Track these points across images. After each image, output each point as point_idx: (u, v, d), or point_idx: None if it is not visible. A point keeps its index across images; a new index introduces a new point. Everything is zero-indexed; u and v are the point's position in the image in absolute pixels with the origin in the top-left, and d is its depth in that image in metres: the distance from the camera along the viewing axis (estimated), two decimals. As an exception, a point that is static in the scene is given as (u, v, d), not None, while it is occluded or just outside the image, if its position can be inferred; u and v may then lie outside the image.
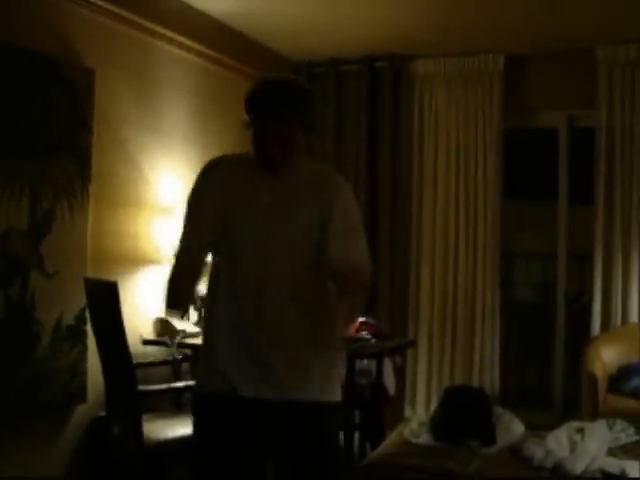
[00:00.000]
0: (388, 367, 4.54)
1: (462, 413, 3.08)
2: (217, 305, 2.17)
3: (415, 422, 3.23)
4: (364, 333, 4.23)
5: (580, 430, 3.06)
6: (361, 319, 4.53)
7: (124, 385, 3.34)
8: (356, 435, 4.24)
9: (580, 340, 4.98)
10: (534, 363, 6.00)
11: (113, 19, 3.91)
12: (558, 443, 2.90)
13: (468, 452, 2.88)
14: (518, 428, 3.17)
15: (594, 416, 4.06)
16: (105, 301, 3.34)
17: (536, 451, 2.88)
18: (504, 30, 4.84)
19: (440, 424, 3.07)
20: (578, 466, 2.76)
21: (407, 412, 5.27)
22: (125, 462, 3.55)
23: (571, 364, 5.12)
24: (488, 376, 5.15)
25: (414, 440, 3.03)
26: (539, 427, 3.38)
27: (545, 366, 5.59)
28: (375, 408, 4.37)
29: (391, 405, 4.74)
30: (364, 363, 4.36)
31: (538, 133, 5.63)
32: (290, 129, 2.12)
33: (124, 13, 3.93)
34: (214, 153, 2.37)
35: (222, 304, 2.15)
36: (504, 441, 3.04)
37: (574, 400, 4.90)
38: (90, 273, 3.73)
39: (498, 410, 3.25)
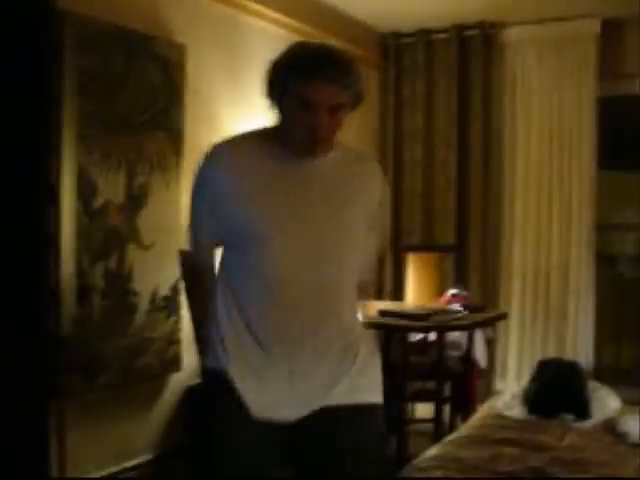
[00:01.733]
0: (479, 339, 4.50)
1: (556, 386, 3.03)
2: None
3: (508, 395, 3.19)
4: (456, 305, 4.20)
5: (679, 406, 2.97)
6: (452, 291, 4.50)
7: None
8: (446, 408, 4.23)
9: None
10: (630, 339, 5.82)
11: (203, -6, 3.96)
12: (656, 419, 2.82)
13: (562, 426, 2.84)
14: (614, 403, 3.09)
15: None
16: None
17: (632, 427, 2.80)
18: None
19: (534, 397, 3.02)
20: (677, 443, 2.69)
21: (497, 385, 5.22)
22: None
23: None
24: (582, 351, 5.04)
25: (507, 412, 3.00)
26: (636, 403, 3.29)
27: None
28: (466, 381, 4.34)
29: (482, 378, 4.71)
30: (455, 335, 4.33)
31: (635, 100, 5.42)
32: (343, 99, 1.82)
33: (214, -12, 3.98)
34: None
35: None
36: (599, 416, 2.98)
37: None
38: (183, 245, 3.80)
39: (593, 384, 3.18)
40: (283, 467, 1.97)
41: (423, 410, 4.45)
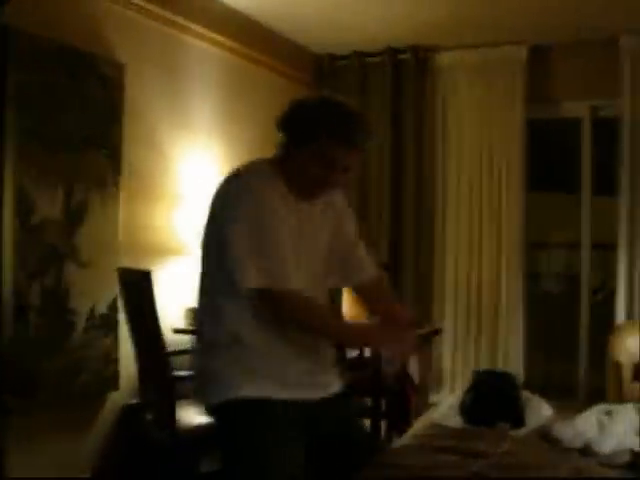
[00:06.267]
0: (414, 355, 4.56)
1: (491, 396, 3.12)
2: None
3: (445, 405, 3.26)
4: (391, 321, 4.25)
5: (608, 412, 3.08)
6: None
7: (158, 372, 3.40)
8: (383, 424, 4.28)
9: (604, 330, 4.99)
10: (558, 354, 6.00)
11: (144, 14, 3.98)
12: (587, 425, 2.93)
13: (498, 434, 2.92)
14: (546, 411, 3.20)
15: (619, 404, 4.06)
16: (139, 290, 3.41)
17: (565, 432, 2.90)
18: (527, 20, 4.85)
19: (470, 407, 3.10)
20: (607, 446, 2.79)
21: (432, 400, 5.31)
22: (158, 448, 3.61)
23: (595, 355, 5.12)
24: (513, 366, 5.17)
25: (444, 423, 3.07)
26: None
27: (569, 357, 5.59)
28: (402, 396, 4.40)
29: (417, 393, 4.78)
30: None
31: (561, 124, 5.64)
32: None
33: (154, 9, 4.00)
34: (241, 147, 2.27)
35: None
36: (533, 423, 3.07)
37: (598, 392, 4.89)
38: (122, 264, 3.79)
39: (526, 394, 3.28)
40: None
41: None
